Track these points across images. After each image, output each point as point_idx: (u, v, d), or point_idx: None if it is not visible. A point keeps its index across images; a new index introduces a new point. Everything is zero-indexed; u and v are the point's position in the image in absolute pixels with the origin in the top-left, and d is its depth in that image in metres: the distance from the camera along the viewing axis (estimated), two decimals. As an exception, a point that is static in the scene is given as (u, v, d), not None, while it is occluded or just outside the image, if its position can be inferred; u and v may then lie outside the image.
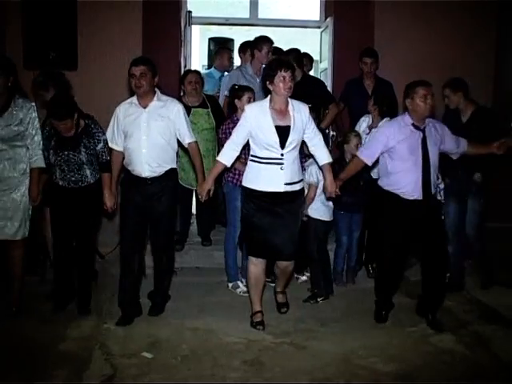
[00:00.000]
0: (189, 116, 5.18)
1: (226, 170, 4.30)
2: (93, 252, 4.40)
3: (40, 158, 4.22)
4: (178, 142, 4.25)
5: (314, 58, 7.27)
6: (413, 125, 4.08)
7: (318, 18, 7.59)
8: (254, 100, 4.89)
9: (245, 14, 7.84)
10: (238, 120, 4.72)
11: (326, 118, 5.81)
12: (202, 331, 4.06)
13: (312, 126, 4.05)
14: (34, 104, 4.23)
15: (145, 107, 4.13)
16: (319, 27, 7.47)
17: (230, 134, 4.70)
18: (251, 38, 6.08)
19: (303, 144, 4.16)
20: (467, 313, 4.50)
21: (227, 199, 4.89)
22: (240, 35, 9.35)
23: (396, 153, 4.10)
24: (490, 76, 6.43)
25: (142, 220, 4.20)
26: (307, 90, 5.34)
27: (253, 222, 4.03)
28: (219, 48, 7.18)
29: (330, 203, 4.76)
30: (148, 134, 4.09)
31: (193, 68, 7.20)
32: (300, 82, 5.42)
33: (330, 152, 4.77)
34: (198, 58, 10.14)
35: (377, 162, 4.31)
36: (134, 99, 4.19)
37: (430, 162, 4.08)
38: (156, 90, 4.21)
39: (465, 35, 6.33)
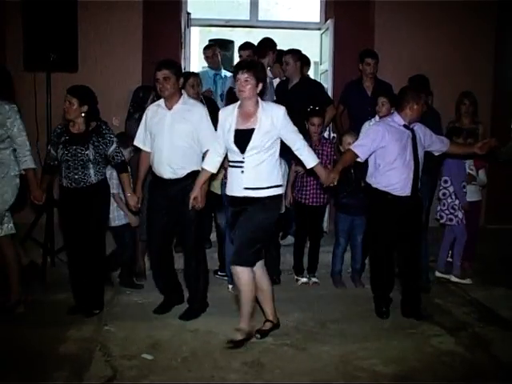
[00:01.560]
0: None
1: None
2: (100, 254, 4.34)
3: (29, 159, 4.29)
4: None
5: (314, 60, 7.28)
6: (404, 125, 4.25)
7: (318, 20, 7.59)
8: None
9: (245, 15, 7.84)
10: None
11: (325, 121, 5.80)
12: (203, 333, 4.06)
13: (290, 128, 3.83)
14: (14, 106, 4.24)
15: (170, 109, 4.20)
16: (319, 29, 7.46)
17: None
18: (251, 40, 6.10)
19: None
20: (467, 314, 4.51)
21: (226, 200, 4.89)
22: (240, 37, 9.36)
23: (388, 152, 4.22)
24: (489, 76, 6.44)
25: (167, 221, 4.25)
26: (305, 92, 5.36)
27: (231, 227, 4.01)
28: (204, 47, 7.07)
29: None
30: (170, 136, 4.14)
31: (193, 69, 7.21)
32: (298, 84, 5.45)
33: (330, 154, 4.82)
34: (198, 59, 10.13)
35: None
36: (162, 101, 4.26)
37: (419, 159, 4.27)
38: (183, 92, 4.28)
39: (465, 36, 6.35)
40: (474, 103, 5.50)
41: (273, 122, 3.74)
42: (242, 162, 3.75)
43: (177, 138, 4.14)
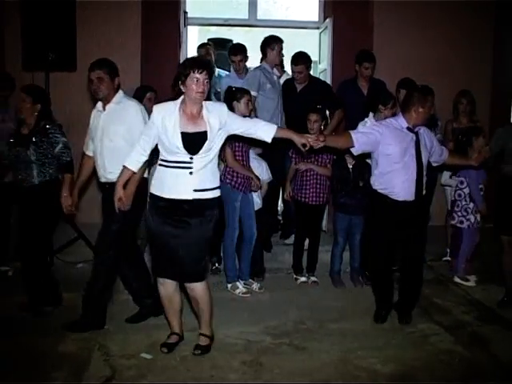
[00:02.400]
0: None
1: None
2: (38, 256, 4.24)
3: None
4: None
5: (313, 59, 7.27)
6: (407, 128, 4.13)
7: (316, 19, 7.60)
8: (252, 102, 4.91)
9: (244, 14, 7.85)
10: None
11: (332, 123, 5.80)
12: (201, 332, 4.06)
13: (237, 119, 3.72)
14: None
15: (104, 110, 4.03)
16: (318, 28, 7.47)
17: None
18: (250, 39, 6.09)
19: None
20: (466, 313, 4.50)
21: (225, 201, 4.87)
22: (239, 36, 9.35)
23: (388, 154, 4.12)
24: (488, 77, 6.45)
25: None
26: (314, 95, 5.30)
27: (155, 235, 3.62)
28: (198, 46, 6.97)
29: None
30: (102, 139, 3.98)
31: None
32: (307, 87, 5.38)
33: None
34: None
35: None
36: (100, 104, 4.07)
37: (423, 164, 4.15)
38: (120, 90, 4.07)
39: (463, 36, 6.36)
40: (471, 102, 5.51)
41: (221, 121, 3.60)
42: (190, 163, 3.52)
43: (107, 140, 3.96)
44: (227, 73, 6.74)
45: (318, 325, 4.25)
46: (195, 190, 3.54)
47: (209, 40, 8.35)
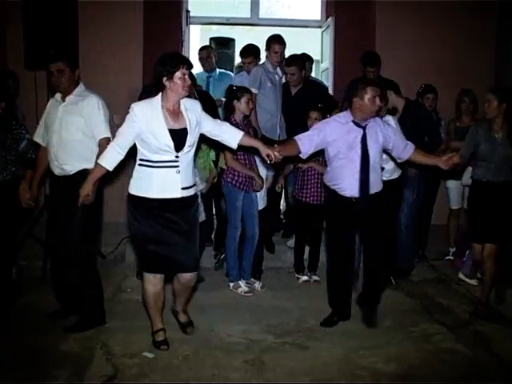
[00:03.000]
0: None
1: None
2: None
3: None
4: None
5: (315, 58, 7.27)
6: (353, 122, 4.02)
7: (318, 18, 7.61)
8: (253, 101, 4.89)
9: (246, 13, 7.85)
10: (235, 121, 4.71)
11: None
12: (204, 331, 4.06)
13: (208, 118, 3.75)
14: None
15: (64, 101, 4.00)
16: (320, 27, 7.47)
17: None
18: (252, 38, 6.08)
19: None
20: (468, 312, 4.49)
21: (227, 200, 4.89)
22: (241, 35, 9.35)
23: (334, 149, 4.04)
24: (489, 77, 6.43)
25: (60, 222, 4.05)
26: (309, 98, 5.28)
27: (145, 234, 3.60)
28: (199, 49, 7.00)
29: None
30: (60, 130, 3.92)
31: (193, 68, 7.19)
32: (302, 90, 5.35)
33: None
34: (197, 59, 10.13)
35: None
36: (59, 95, 4.04)
37: (370, 160, 4.01)
38: (80, 83, 4.03)
39: (465, 36, 6.35)
40: (474, 101, 5.50)
41: (197, 118, 3.65)
42: (177, 161, 3.54)
43: (65, 132, 3.91)
44: (230, 73, 6.72)
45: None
46: (183, 188, 3.60)
47: (211, 39, 8.36)
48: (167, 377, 3.42)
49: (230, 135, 3.81)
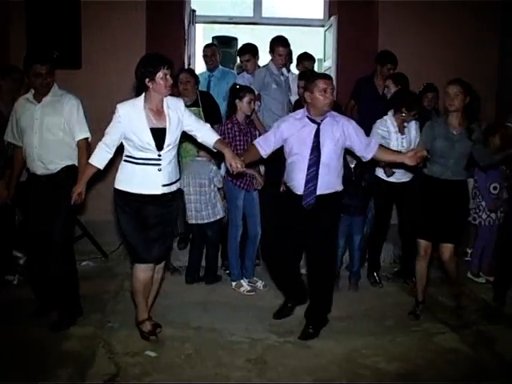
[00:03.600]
0: None
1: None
2: None
3: None
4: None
5: (318, 57, 7.26)
6: (308, 117, 3.94)
7: (321, 17, 7.59)
8: (255, 102, 4.87)
9: (249, 12, 7.83)
10: (237, 121, 4.70)
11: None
12: (206, 330, 4.06)
13: (190, 117, 3.81)
14: None
15: (39, 102, 4.05)
16: (323, 26, 7.46)
17: (229, 134, 4.69)
18: (255, 37, 6.07)
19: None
20: (471, 312, 4.49)
21: (228, 198, 4.89)
22: (244, 34, 9.34)
23: (288, 145, 3.99)
24: (493, 77, 6.42)
25: (46, 219, 4.01)
26: None
27: (130, 226, 3.74)
28: (205, 46, 6.96)
29: None
30: (40, 130, 4.00)
31: (197, 66, 7.20)
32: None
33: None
34: (201, 56, 10.12)
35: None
36: (31, 95, 4.09)
37: (323, 157, 3.89)
38: (55, 84, 4.09)
39: (468, 36, 6.33)
40: (476, 100, 5.47)
41: (179, 116, 3.74)
42: (159, 159, 3.68)
43: (46, 132, 4.00)
44: (232, 71, 6.71)
45: (323, 323, 4.24)
46: (164, 185, 3.73)
47: (213, 38, 8.36)
48: (169, 375, 3.42)
49: (207, 137, 3.88)
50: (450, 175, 4.22)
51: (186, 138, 4.06)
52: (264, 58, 6.09)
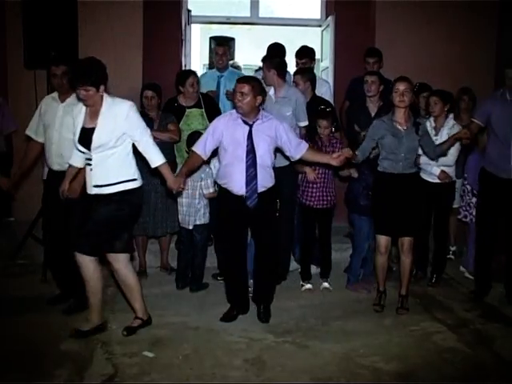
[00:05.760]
0: (183, 117, 5.17)
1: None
2: None
3: None
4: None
5: (315, 57, 7.25)
6: (241, 119, 4.03)
7: (318, 17, 7.60)
8: (263, 103, 4.77)
9: (246, 12, 7.85)
10: None
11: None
12: (204, 330, 4.06)
13: (135, 125, 3.72)
14: None
15: (62, 102, 4.25)
16: (320, 26, 7.47)
17: None
18: (252, 37, 6.07)
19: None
20: (469, 311, 4.50)
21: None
22: (241, 34, 9.35)
23: (223, 146, 4.05)
24: (491, 76, 6.43)
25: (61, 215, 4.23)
26: (314, 111, 5.14)
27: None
28: (217, 44, 6.94)
29: None
30: (60, 129, 4.17)
31: (193, 67, 7.20)
32: (308, 104, 5.13)
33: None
34: (198, 57, 10.14)
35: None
36: (56, 94, 4.33)
37: (258, 158, 3.99)
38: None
39: (466, 35, 6.34)
40: (472, 99, 5.50)
41: (116, 119, 3.67)
42: (90, 159, 3.73)
43: (66, 130, 4.11)
44: (241, 72, 6.67)
45: (321, 323, 4.24)
46: (95, 186, 3.74)
47: (211, 38, 8.36)
48: (167, 376, 3.41)
49: (151, 157, 3.81)
50: (401, 169, 4.35)
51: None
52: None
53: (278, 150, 4.28)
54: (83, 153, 3.78)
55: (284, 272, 5.12)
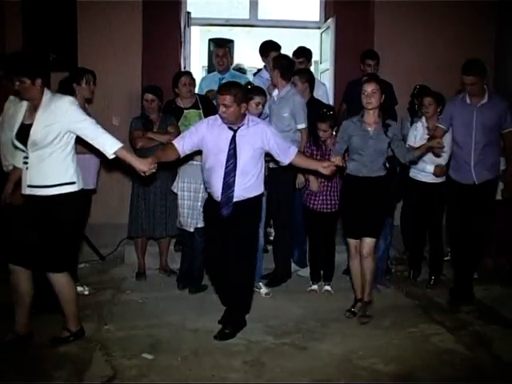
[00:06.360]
0: (181, 118, 5.19)
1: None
2: None
3: None
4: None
5: (314, 60, 7.25)
6: (226, 123, 3.92)
7: (317, 19, 7.61)
8: (263, 105, 4.70)
9: (245, 14, 7.85)
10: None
11: None
12: (203, 332, 4.05)
13: (76, 119, 3.55)
14: None
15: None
16: (319, 28, 7.47)
17: None
18: (251, 39, 6.08)
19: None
20: (467, 313, 4.50)
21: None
22: (240, 36, 9.36)
23: (205, 150, 3.96)
24: (489, 77, 6.43)
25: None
26: (311, 114, 5.15)
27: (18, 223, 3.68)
28: (217, 45, 6.91)
29: None
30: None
31: (193, 69, 7.20)
32: (307, 104, 5.13)
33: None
34: (198, 59, 10.15)
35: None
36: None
37: (240, 164, 3.87)
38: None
39: (465, 36, 6.34)
40: None
41: (56, 115, 3.51)
42: (27, 157, 3.54)
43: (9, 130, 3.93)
44: (245, 75, 6.68)
45: (320, 324, 4.24)
46: (29, 186, 3.56)
47: (210, 40, 8.37)
48: (166, 377, 3.41)
49: (103, 146, 3.60)
50: (366, 172, 4.25)
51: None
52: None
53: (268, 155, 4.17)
54: (22, 151, 3.58)
55: (284, 276, 5.13)
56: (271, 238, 5.48)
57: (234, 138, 3.90)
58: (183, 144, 3.99)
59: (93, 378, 3.38)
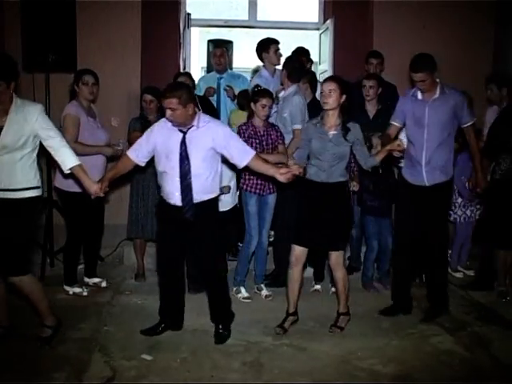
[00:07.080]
0: None
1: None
2: None
3: None
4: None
5: (314, 60, 7.26)
6: (176, 126, 3.80)
7: (316, 20, 7.61)
8: (269, 107, 4.66)
9: (244, 15, 7.86)
10: (252, 124, 4.62)
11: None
12: (202, 333, 4.06)
13: (45, 127, 3.58)
14: None
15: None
16: (318, 29, 7.48)
17: (244, 134, 4.58)
18: (250, 40, 6.07)
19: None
20: (466, 314, 4.51)
21: (242, 204, 4.82)
22: (239, 37, 9.36)
23: (157, 153, 3.84)
24: (488, 76, 6.44)
25: None
26: (314, 113, 5.14)
27: None
28: (215, 46, 6.91)
29: None
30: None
31: (192, 70, 7.20)
32: (308, 105, 5.14)
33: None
34: (197, 60, 10.15)
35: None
36: None
37: (192, 167, 3.75)
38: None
39: (463, 36, 6.35)
40: (469, 102, 5.50)
41: (26, 120, 3.52)
42: None
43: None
44: (243, 75, 6.68)
45: (319, 325, 4.25)
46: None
47: (209, 41, 8.37)
48: (165, 379, 3.41)
49: (64, 160, 3.66)
50: (325, 178, 4.02)
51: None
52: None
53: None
54: None
55: (285, 279, 5.12)
56: (271, 239, 5.48)
57: (184, 140, 3.77)
58: (138, 152, 3.91)
59: (92, 379, 3.38)
